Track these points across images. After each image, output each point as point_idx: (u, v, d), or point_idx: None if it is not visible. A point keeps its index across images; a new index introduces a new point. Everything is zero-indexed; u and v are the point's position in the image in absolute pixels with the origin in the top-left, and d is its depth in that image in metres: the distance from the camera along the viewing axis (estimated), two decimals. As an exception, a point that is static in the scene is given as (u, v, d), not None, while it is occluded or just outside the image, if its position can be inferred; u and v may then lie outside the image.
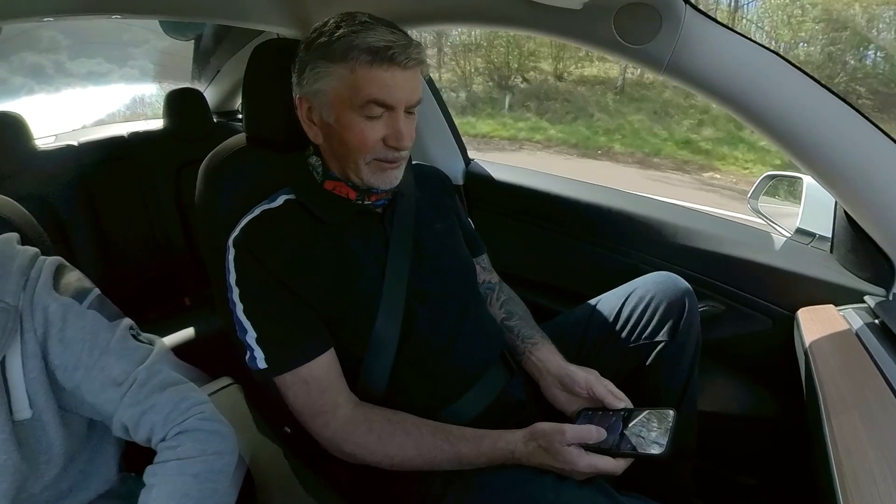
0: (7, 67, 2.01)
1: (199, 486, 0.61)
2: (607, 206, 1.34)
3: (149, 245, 1.98)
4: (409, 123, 0.82)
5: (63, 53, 2.25)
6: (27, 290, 0.61)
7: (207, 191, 0.99)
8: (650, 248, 1.27)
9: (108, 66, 2.52)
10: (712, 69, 0.82)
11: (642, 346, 0.99)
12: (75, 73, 2.42)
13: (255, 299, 0.82)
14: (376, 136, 0.79)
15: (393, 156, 0.82)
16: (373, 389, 0.84)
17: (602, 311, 1.05)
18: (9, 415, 0.58)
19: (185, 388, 0.68)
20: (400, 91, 0.77)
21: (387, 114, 0.79)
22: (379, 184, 0.84)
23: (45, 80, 2.30)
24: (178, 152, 1.98)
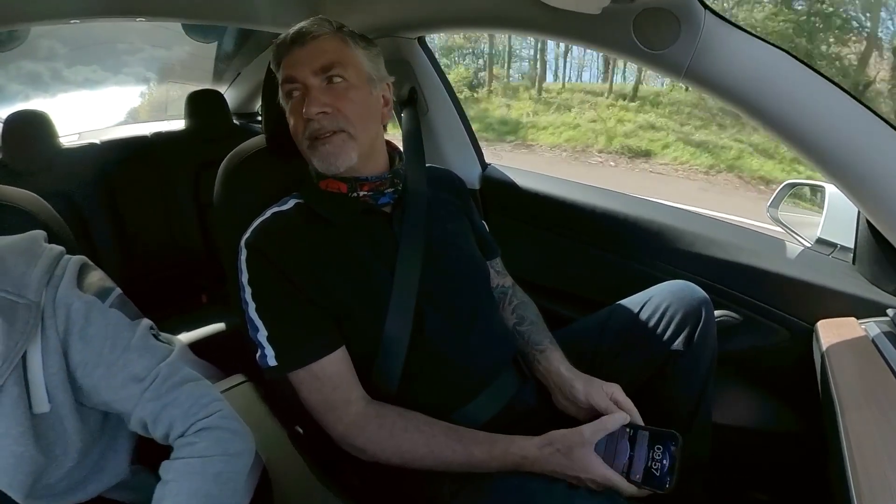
0: (4, 75, 2.08)
1: (219, 487, 0.62)
2: (624, 214, 1.32)
3: (168, 242, 2.01)
4: (332, 91, 0.84)
5: (60, 61, 2.33)
6: (50, 288, 0.63)
7: (226, 191, 1.00)
8: (667, 256, 1.25)
9: (104, 73, 2.63)
10: (732, 74, 0.81)
11: (657, 355, 0.98)
12: (71, 80, 2.51)
13: (266, 298, 0.83)
14: (297, 116, 0.85)
15: (313, 128, 0.84)
16: (384, 389, 0.85)
17: (617, 319, 1.04)
18: (28, 408, 0.59)
19: (204, 385, 0.69)
20: (298, 63, 0.84)
21: (301, 87, 0.85)
22: (322, 165, 0.86)
23: (41, 87, 2.37)
24: (198, 152, 2.02)
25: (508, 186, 1.56)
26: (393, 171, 0.93)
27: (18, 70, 2.12)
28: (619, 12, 0.85)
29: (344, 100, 0.84)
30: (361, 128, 0.86)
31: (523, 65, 15.09)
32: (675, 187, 8.12)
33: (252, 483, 0.70)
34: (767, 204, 1.28)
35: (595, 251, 1.39)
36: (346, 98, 0.84)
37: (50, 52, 2.18)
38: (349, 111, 0.84)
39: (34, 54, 2.10)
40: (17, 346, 0.58)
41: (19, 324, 0.58)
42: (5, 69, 2.05)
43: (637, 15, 0.84)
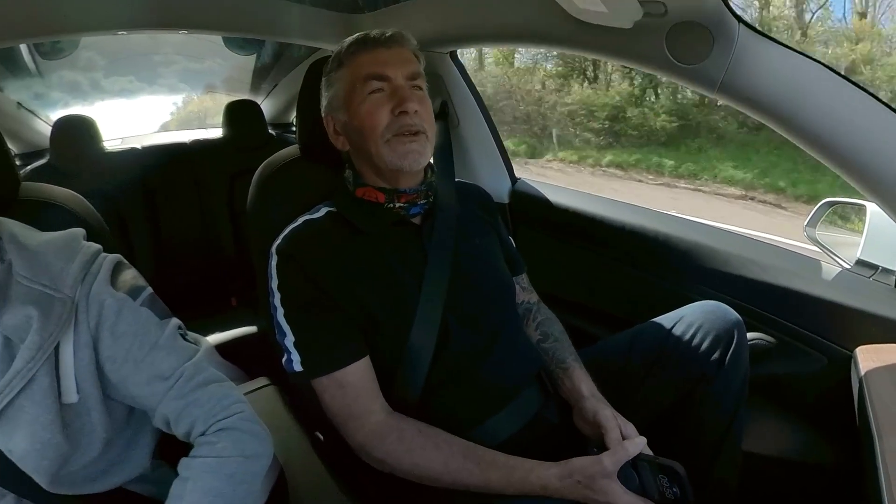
0: (48, 83, 2.21)
1: (233, 487, 0.63)
2: (655, 231, 1.30)
3: (201, 246, 2.06)
4: (419, 98, 0.87)
5: (99, 72, 2.46)
6: (85, 284, 0.65)
7: (259, 198, 1.03)
8: (699, 275, 1.22)
9: (140, 83, 2.80)
10: (768, 88, 0.80)
11: (687, 378, 0.95)
12: (109, 89, 2.65)
13: (294, 305, 0.84)
14: (384, 110, 0.85)
15: (406, 122, 0.85)
16: (406, 400, 0.85)
17: (646, 338, 1.02)
18: (57, 397, 0.60)
19: (227, 386, 0.70)
20: (389, 63, 0.86)
21: (387, 85, 0.86)
22: (402, 162, 0.86)
23: (80, 95, 2.52)
24: (233, 160, 2.07)
25: (538, 201, 1.55)
26: (426, 183, 0.94)
27: (60, 79, 2.26)
28: (651, 26, 0.84)
29: (425, 105, 0.88)
30: (432, 136, 0.90)
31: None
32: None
33: (267, 485, 0.71)
34: (804, 223, 1.23)
35: (625, 268, 1.36)
36: (426, 105, 0.88)
37: (89, 62, 2.31)
38: (428, 118, 0.88)
39: (75, 64, 2.24)
40: (50, 337, 0.60)
41: (54, 317, 0.60)
42: (49, 78, 2.19)
43: (669, 29, 0.84)
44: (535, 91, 12.72)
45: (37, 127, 2.18)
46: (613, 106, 11.40)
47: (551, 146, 11.71)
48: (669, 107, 10.99)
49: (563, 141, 11.68)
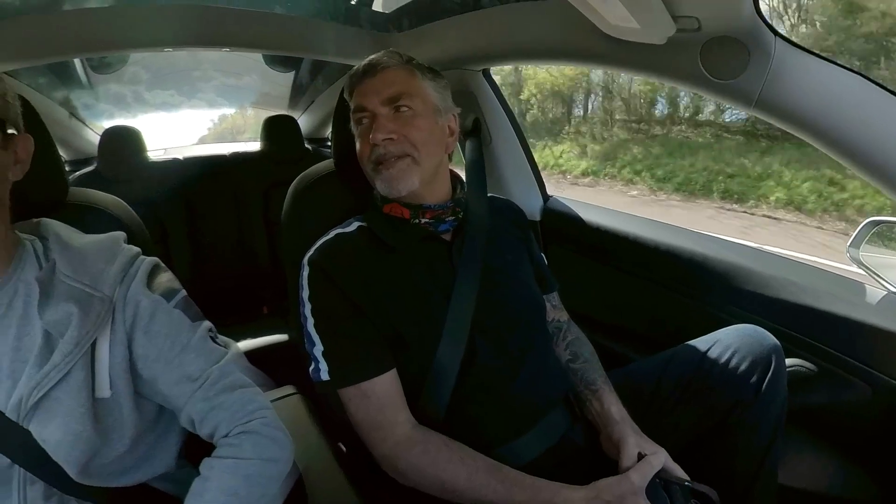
0: (94, 95, 2.35)
1: (248, 488, 0.64)
2: (691, 251, 1.27)
3: (236, 255, 2.12)
4: (398, 119, 0.88)
5: (142, 85, 2.63)
6: (123, 285, 0.68)
7: (294, 210, 1.06)
8: (736, 297, 1.18)
9: (180, 98, 2.97)
10: (807, 103, 0.78)
11: (721, 404, 0.92)
12: (151, 102, 2.83)
13: (324, 315, 0.85)
14: (364, 142, 0.90)
15: (378, 153, 0.88)
16: (431, 416, 0.84)
17: (679, 362, 0.99)
18: (91, 392, 0.63)
19: (252, 391, 0.72)
20: (368, 93, 0.89)
21: (368, 115, 0.90)
22: (384, 189, 0.89)
23: (124, 107, 2.68)
24: (270, 173, 2.13)
25: (570, 219, 1.54)
26: (454, 199, 0.95)
27: (107, 91, 2.42)
28: (686, 42, 0.84)
29: (410, 127, 0.88)
30: (426, 154, 0.89)
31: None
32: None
33: (284, 490, 0.72)
34: (847, 243, 1.18)
35: (658, 289, 1.33)
36: (412, 125, 0.88)
37: (134, 76, 2.45)
38: (415, 137, 0.88)
39: (121, 78, 2.38)
40: (88, 334, 0.63)
41: (92, 314, 0.63)
42: (97, 90, 2.35)
43: (704, 44, 0.83)
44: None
45: (86, 136, 2.30)
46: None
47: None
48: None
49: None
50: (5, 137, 0.62)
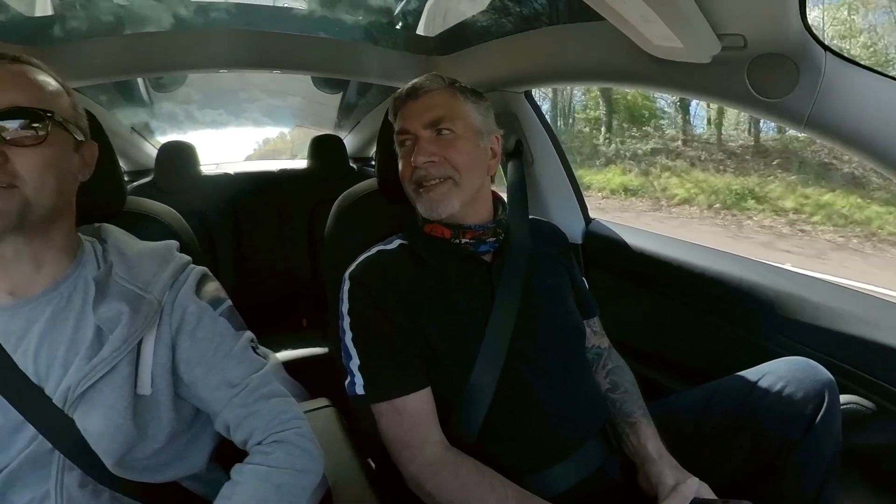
0: (149, 112, 2.55)
1: (279, 498, 0.65)
2: (738, 278, 1.22)
3: (279, 267, 2.19)
4: (440, 142, 0.90)
5: (193, 105, 2.85)
6: (173, 290, 0.72)
7: (337, 227, 1.09)
8: (786, 328, 1.12)
9: (228, 117, 3.22)
10: (861, 120, 0.74)
11: (769, 443, 0.87)
12: (201, 120, 3.06)
13: (362, 329, 0.87)
14: (406, 163, 0.92)
15: (418, 175, 0.89)
16: (462, 440, 0.83)
17: (724, 395, 0.94)
18: (133, 388, 0.66)
19: (288, 401, 0.74)
20: (411, 116, 0.91)
21: (411, 138, 0.92)
22: (425, 210, 0.91)
23: (175, 124, 2.89)
24: (315, 190, 2.19)
25: (613, 243, 1.51)
26: (496, 220, 0.95)
27: (160, 109, 2.61)
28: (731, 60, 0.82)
29: (451, 149, 0.89)
30: (467, 176, 0.90)
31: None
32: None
33: (313, 502, 0.73)
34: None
35: (704, 317, 1.29)
36: (454, 148, 0.89)
37: (186, 96, 2.66)
38: (456, 160, 0.89)
39: (174, 98, 2.59)
40: (136, 332, 0.66)
41: (141, 315, 0.67)
42: (154, 108, 2.55)
43: (751, 62, 0.81)
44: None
45: (145, 149, 2.45)
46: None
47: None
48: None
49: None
50: (77, 142, 0.68)
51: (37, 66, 0.67)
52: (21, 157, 0.60)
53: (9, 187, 0.59)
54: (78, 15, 1.37)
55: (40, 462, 0.64)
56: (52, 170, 0.62)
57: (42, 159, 0.61)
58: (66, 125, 0.65)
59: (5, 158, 0.59)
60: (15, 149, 0.59)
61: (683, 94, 0.99)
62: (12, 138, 0.59)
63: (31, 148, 0.60)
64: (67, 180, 0.67)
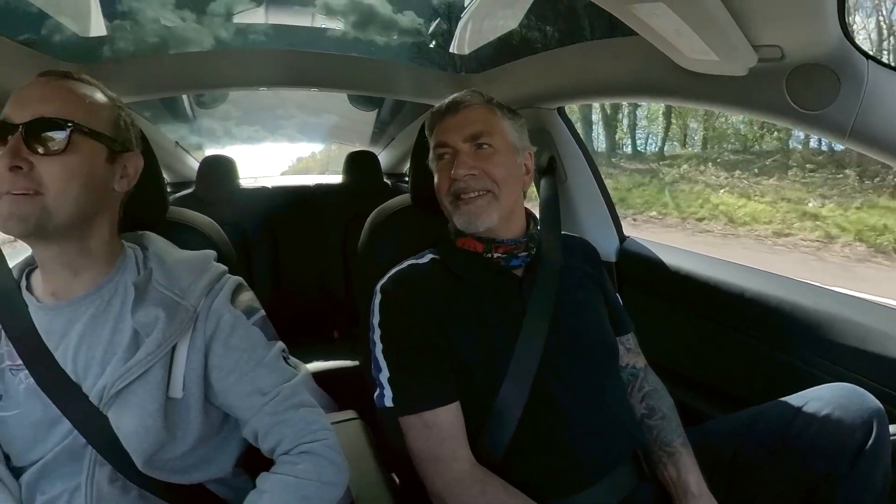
0: (189, 128, 2.72)
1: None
2: (779, 298, 1.17)
3: (313, 281, 2.23)
4: (481, 156, 0.90)
5: (231, 121, 3.04)
6: (209, 298, 0.74)
7: (370, 241, 1.10)
8: (831, 352, 1.07)
9: (264, 133, 3.41)
10: None
11: (812, 474, 0.83)
12: (238, 136, 3.27)
13: (392, 342, 0.87)
14: (445, 175, 0.92)
15: (457, 187, 0.89)
16: (488, 458, 0.82)
17: (764, 422, 0.90)
18: (165, 391, 0.69)
19: (317, 412, 0.75)
20: (451, 130, 0.92)
21: (450, 151, 0.92)
22: (463, 223, 0.90)
23: (214, 139, 3.10)
24: (350, 205, 2.23)
25: (648, 261, 1.48)
26: (528, 235, 0.95)
27: (200, 125, 2.78)
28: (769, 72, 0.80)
29: (490, 163, 0.89)
30: (505, 191, 0.91)
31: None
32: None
33: None
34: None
35: (743, 339, 1.23)
36: (493, 162, 0.90)
37: (225, 113, 2.85)
38: (495, 174, 0.89)
39: (213, 114, 2.76)
40: (171, 337, 0.69)
41: (177, 321, 0.70)
42: (195, 124, 2.71)
43: (789, 73, 0.79)
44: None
45: (187, 162, 2.56)
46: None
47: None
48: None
49: None
50: (112, 154, 0.70)
51: (85, 81, 0.71)
52: (45, 165, 0.62)
53: (34, 194, 0.62)
54: (128, 36, 1.47)
55: (74, 456, 0.67)
56: (76, 179, 0.65)
57: (63, 168, 0.63)
58: (94, 136, 0.67)
59: (30, 166, 0.62)
60: (40, 157, 0.62)
61: (720, 108, 0.97)
62: (36, 147, 0.62)
63: (53, 157, 0.63)
64: (95, 190, 0.68)
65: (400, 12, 1.63)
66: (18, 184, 0.61)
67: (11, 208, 0.61)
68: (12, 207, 0.61)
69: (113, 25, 1.45)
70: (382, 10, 1.59)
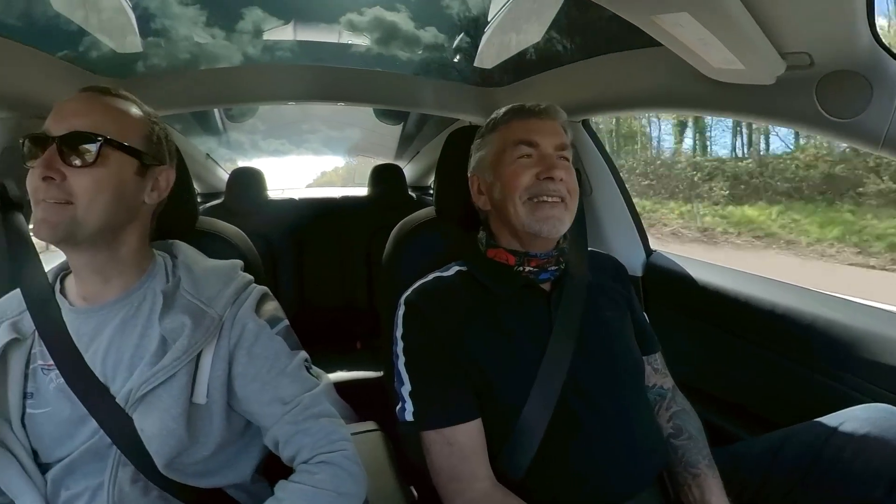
0: (218, 141, 2.80)
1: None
2: (813, 315, 1.12)
3: (337, 290, 2.26)
4: (565, 168, 0.88)
5: (258, 135, 3.12)
6: (234, 307, 0.76)
7: (394, 254, 1.11)
8: (868, 370, 1.02)
9: (290, 146, 3.46)
10: None
11: (847, 500, 0.79)
12: (265, 149, 3.31)
13: (415, 355, 0.86)
14: (529, 172, 0.87)
15: (550, 188, 0.86)
16: (510, 476, 0.80)
17: (796, 445, 0.87)
18: (189, 396, 0.70)
19: (337, 423, 0.75)
20: (540, 132, 0.89)
21: (536, 152, 0.88)
22: (541, 226, 0.86)
23: (241, 152, 3.17)
24: (375, 217, 2.26)
25: (675, 276, 1.45)
26: (558, 249, 0.93)
27: (229, 138, 2.87)
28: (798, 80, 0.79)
29: (569, 175, 0.89)
30: (572, 204, 0.90)
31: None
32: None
33: None
34: None
35: (774, 358, 1.19)
36: (570, 173, 0.89)
37: (252, 127, 2.91)
38: (571, 186, 0.89)
39: (241, 128, 2.85)
40: (196, 344, 0.71)
41: (202, 328, 0.72)
42: (221, 137, 2.80)
43: (819, 81, 0.77)
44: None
45: (217, 173, 2.65)
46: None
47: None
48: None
49: None
50: (143, 167, 0.73)
51: (122, 97, 0.74)
52: (76, 176, 0.66)
53: (65, 203, 0.66)
54: (161, 52, 1.53)
55: (99, 455, 0.69)
56: (105, 190, 0.68)
57: (93, 180, 0.67)
58: (125, 149, 0.70)
59: (63, 177, 0.65)
60: (73, 169, 0.66)
61: (748, 118, 0.95)
62: (69, 159, 0.66)
63: (84, 169, 0.66)
64: (125, 201, 0.71)
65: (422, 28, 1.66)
66: (51, 193, 0.65)
67: (44, 215, 0.65)
68: (45, 215, 0.65)
69: (147, 42, 1.52)
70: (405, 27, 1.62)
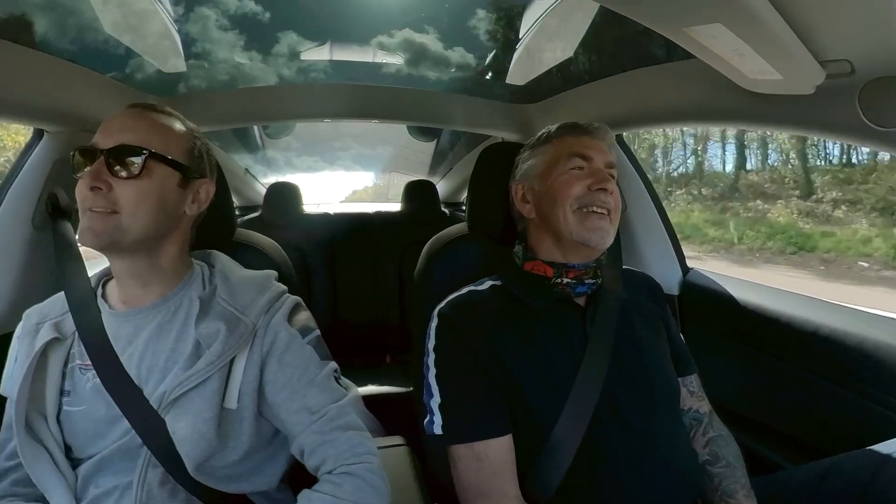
0: (253, 158, 2.92)
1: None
2: (860, 337, 1.06)
3: (369, 305, 2.28)
4: (613, 185, 0.89)
5: (292, 152, 3.25)
6: (268, 315, 0.78)
7: (427, 269, 1.11)
8: None
9: (322, 163, 3.62)
10: None
11: None
12: (298, 166, 3.44)
13: (447, 367, 0.85)
14: (581, 183, 0.89)
15: (601, 199, 0.87)
16: (538, 496, 0.78)
17: (843, 475, 0.82)
18: (221, 401, 0.72)
19: (363, 435, 0.76)
20: (593, 149, 0.91)
21: (588, 165, 0.90)
22: (590, 236, 0.86)
23: (276, 168, 3.28)
24: (407, 232, 2.29)
25: (713, 294, 1.40)
26: (597, 261, 0.92)
27: (264, 155, 3.00)
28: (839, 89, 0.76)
29: (616, 193, 0.90)
30: (616, 220, 0.90)
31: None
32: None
33: None
34: None
35: (818, 381, 1.13)
36: (616, 192, 0.90)
37: (287, 144, 3.04)
38: (617, 203, 0.90)
39: (276, 145, 2.97)
40: (230, 351, 0.73)
41: (236, 335, 0.74)
42: (255, 154, 2.92)
43: (862, 89, 0.74)
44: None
45: (255, 187, 2.73)
46: None
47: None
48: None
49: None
50: (185, 180, 0.77)
51: (167, 112, 0.78)
52: (121, 187, 0.69)
53: (111, 213, 0.69)
54: (201, 73, 1.62)
55: (129, 455, 0.71)
56: (148, 201, 0.71)
57: (137, 191, 0.70)
58: (168, 162, 0.73)
59: (109, 188, 0.69)
60: (118, 180, 0.69)
61: (787, 129, 0.92)
62: (116, 171, 0.69)
63: (129, 180, 0.70)
64: (166, 211, 0.75)
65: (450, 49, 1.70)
66: (97, 202, 0.69)
67: (90, 223, 0.69)
68: (90, 223, 0.69)
69: (189, 64, 1.61)
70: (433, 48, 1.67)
